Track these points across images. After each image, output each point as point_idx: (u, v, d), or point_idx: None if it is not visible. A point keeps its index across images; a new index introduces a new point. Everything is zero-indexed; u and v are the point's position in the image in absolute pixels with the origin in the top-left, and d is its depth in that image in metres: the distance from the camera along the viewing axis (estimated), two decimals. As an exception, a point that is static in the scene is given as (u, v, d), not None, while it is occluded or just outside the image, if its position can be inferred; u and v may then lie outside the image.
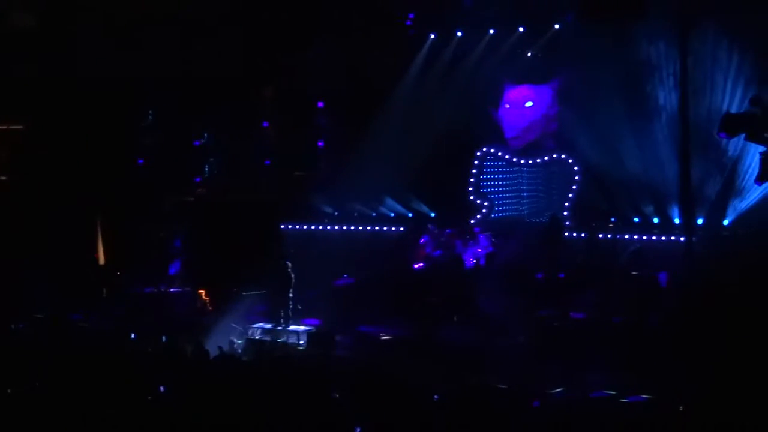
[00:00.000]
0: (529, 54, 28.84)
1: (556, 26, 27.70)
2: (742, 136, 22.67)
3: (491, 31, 28.87)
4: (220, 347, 20.75)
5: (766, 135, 21.95)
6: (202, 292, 28.69)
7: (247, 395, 15.65)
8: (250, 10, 29.42)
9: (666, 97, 24.52)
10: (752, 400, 15.73)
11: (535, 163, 28.80)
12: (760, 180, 22.65)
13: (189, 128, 32.94)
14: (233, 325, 25.71)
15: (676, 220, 25.36)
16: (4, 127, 31.48)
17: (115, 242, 31.19)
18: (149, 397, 16.21)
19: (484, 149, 29.26)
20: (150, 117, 32.69)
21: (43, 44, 29.36)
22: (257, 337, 25.37)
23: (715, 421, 14.65)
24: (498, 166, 29.70)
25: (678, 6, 22.37)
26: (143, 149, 32.64)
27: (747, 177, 23.98)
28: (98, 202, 30.91)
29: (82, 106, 29.83)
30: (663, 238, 24.98)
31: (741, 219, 24.38)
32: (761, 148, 22.38)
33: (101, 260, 31.20)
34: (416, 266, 27.43)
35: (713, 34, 23.92)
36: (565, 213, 27.34)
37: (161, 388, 16.57)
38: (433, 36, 29.82)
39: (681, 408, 15.81)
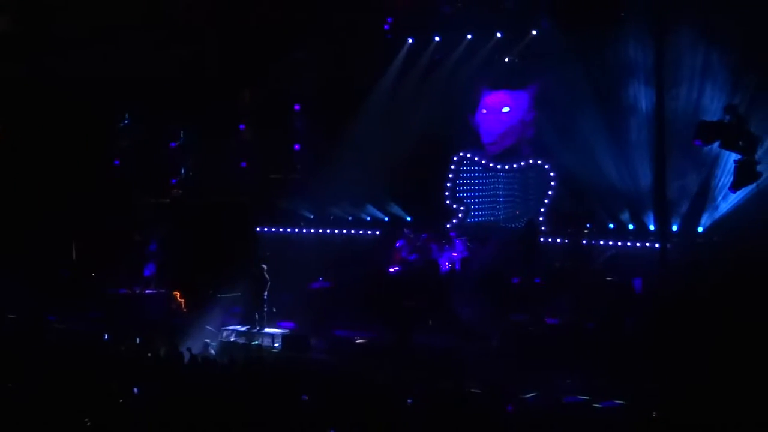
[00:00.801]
0: (506, 59, 28.94)
1: (534, 32, 27.77)
2: (718, 143, 22.75)
3: (468, 37, 28.91)
4: (189, 349, 20.64)
5: (740, 143, 22.04)
6: (177, 293, 28.59)
7: (221, 397, 15.63)
8: (228, 13, 29.39)
9: (642, 102, 24.56)
10: (724, 404, 15.81)
11: (511, 169, 28.84)
12: (735, 188, 22.75)
13: (165, 130, 32.86)
14: (208, 327, 25.66)
15: (651, 227, 25.41)
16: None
17: (90, 244, 31.04)
18: (122, 399, 16.18)
19: (461, 154, 29.29)
20: (126, 118, 32.59)
21: (19, 45, 29.23)
22: (232, 340, 25.31)
23: (688, 425, 14.72)
24: (474, 171, 29.73)
25: (654, 11, 22.46)
26: (119, 150, 32.54)
27: (722, 184, 24.06)
28: (74, 204, 30.71)
29: (59, 107, 29.72)
30: (638, 244, 25.02)
31: (716, 226, 24.45)
32: (736, 156, 22.48)
33: (75, 262, 31.04)
34: (392, 270, 27.44)
35: (689, 39, 23.98)
36: (541, 218, 27.38)
37: (135, 390, 16.53)
38: (410, 41, 29.83)
39: (654, 413, 15.87)
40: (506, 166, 28.84)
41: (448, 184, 29.27)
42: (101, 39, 28.88)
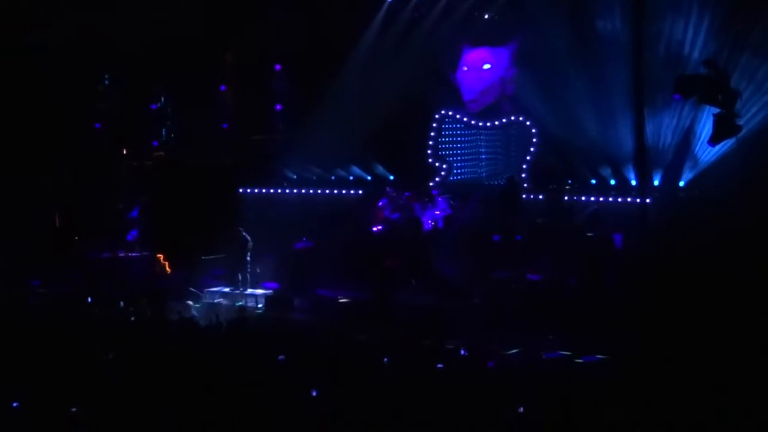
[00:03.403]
0: (486, 16, 28.79)
1: (514, -12, 27.70)
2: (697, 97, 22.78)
3: (448, -6, 28.85)
4: (179, 311, 20.73)
5: (719, 97, 22.05)
6: (161, 256, 28.58)
7: (203, 358, 15.68)
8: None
9: (622, 59, 24.49)
10: (703, 359, 15.93)
11: (493, 126, 28.79)
12: (713, 141, 22.80)
13: (146, 92, 32.72)
14: (191, 289, 25.71)
15: (633, 182, 25.46)
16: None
17: (72, 209, 30.95)
18: (105, 359, 16.21)
19: (443, 112, 29.22)
20: (106, 81, 32.43)
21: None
22: (215, 301, 25.37)
23: (668, 379, 14.82)
24: (456, 129, 29.69)
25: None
26: (100, 113, 32.38)
27: (702, 138, 24.08)
28: (55, 168, 30.61)
29: (37, 70, 29.48)
30: (619, 199, 25.07)
31: (696, 180, 24.51)
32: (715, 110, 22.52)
33: (58, 226, 30.97)
34: (375, 229, 27.47)
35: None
36: (524, 175, 27.39)
37: (117, 352, 16.56)
38: (390, -1, 29.74)
39: (634, 367, 16.00)
40: (488, 123, 28.79)
41: (430, 142, 29.22)
42: (81, 4, 28.66)
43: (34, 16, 28.96)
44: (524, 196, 26.25)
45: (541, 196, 26.06)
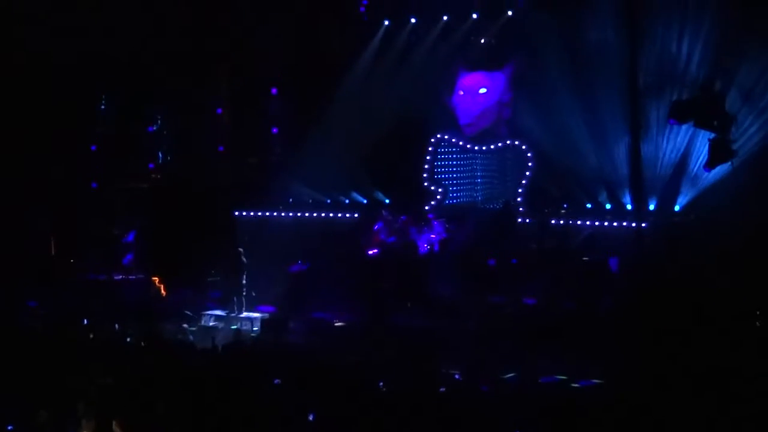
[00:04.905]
0: (482, 40, 28.90)
1: (509, 13, 27.77)
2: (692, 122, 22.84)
3: (445, 18, 28.92)
4: (175, 334, 20.73)
5: (715, 122, 22.12)
6: (156, 279, 28.57)
7: (198, 382, 15.66)
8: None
9: (617, 83, 24.56)
10: (698, 383, 15.92)
11: (488, 150, 28.82)
12: (709, 166, 22.84)
13: (142, 114, 32.77)
14: (186, 312, 25.70)
15: (628, 206, 25.49)
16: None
17: (68, 231, 30.94)
18: (102, 382, 16.20)
19: (438, 136, 29.25)
20: (103, 104, 32.48)
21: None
22: (210, 324, 25.35)
23: (663, 404, 14.82)
24: (452, 153, 29.71)
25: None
26: (96, 135, 32.43)
27: (698, 163, 24.14)
28: (51, 190, 30.60)
29: (35, 94, 29.46)
30: (615, 223, 25.09)
31: (692, 205, 24.55)
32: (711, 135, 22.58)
33: (53, 249, 30.95)
34: (370, 252, 27.46)
35: (663, 19, 24.06)
36: (519, 199, 27.43)
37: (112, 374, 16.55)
38: (387, 22, 29.80)
39: (630, 391, 15.98)
40: (483, 147, 28.83)
41: (426, 166, 29.23)
42: (77, 19, 28.63)
43: (27, 38, 28.87)
44: (520, 220, 26.29)
45: (528, 221, 26.11)
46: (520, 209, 26.99)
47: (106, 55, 29.35)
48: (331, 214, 29.85)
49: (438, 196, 29.07)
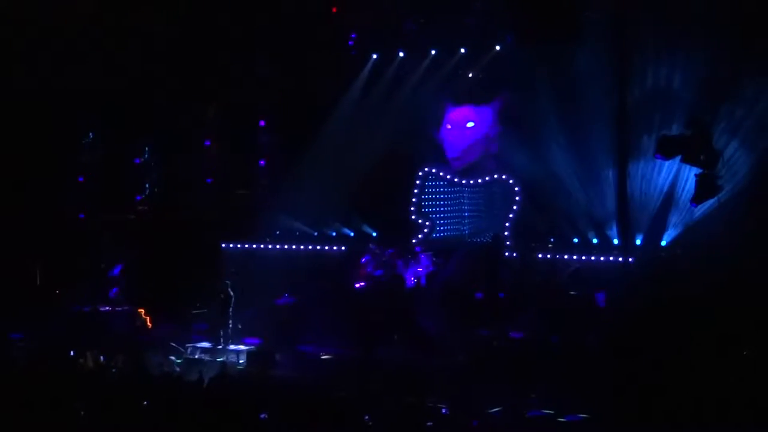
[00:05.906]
0: (470, 75, 29.02)
1: (497, 48, 27.91)
2: (679, 157, 22.89)
3: (433, 52, 29.06)
4: (160, 366, 20.62)
5: (701, 157, 22.18)
6: (142, 310, 28.48)
7: (184, 414, 15.58)
8: (194, 27, 29.31)
9: (605, 118, 24.66)
10: (687, 417, 15.94)
11: (476, 183, 28.89)
12: (696, 201, 22.89)
13: (130, 146, 32.76)
14: (172, 344, 25.59)
15: (615, 241, 25.54)
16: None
17: (54, 263, 30.83)
18: (84, 414, 16.09)
19: (426, 169, 29.33)
20: (91, 135, 32.47)
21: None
22: (196, 357, 25.25)
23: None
24: (439, 186, 29.77)
25: (616, 28, 22.60)
26: (83, 167, 32.40)
27: (685, 198, 24.20)
28: (38, 221, 30.51)
29: (21, 124, 29.45)
30: (602, 258, 25.14)
31: (678, 240, 24.60)
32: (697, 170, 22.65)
33: (39, 279, 30.84)
34: (357, 285, 27.44)
35: (652, 54, 24.18)
36: (506, 233, 27.45)
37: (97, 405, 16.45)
38: (375, 56, 29.93)
39: (617, 426, 15.98)
40: (471, 181, 28.89)
41: (414, 199, 29.30)
42: (63, 50, 28.63)
43: (20, 70, 28.87)
44: (507, 254, 26.30)
45: (515, 255, 26.15)
46: (507, 243, 27.00)
47: (95, 86, 29.36)
48: (318, 247, 29.85)
49: (425, 230, 29.10)
